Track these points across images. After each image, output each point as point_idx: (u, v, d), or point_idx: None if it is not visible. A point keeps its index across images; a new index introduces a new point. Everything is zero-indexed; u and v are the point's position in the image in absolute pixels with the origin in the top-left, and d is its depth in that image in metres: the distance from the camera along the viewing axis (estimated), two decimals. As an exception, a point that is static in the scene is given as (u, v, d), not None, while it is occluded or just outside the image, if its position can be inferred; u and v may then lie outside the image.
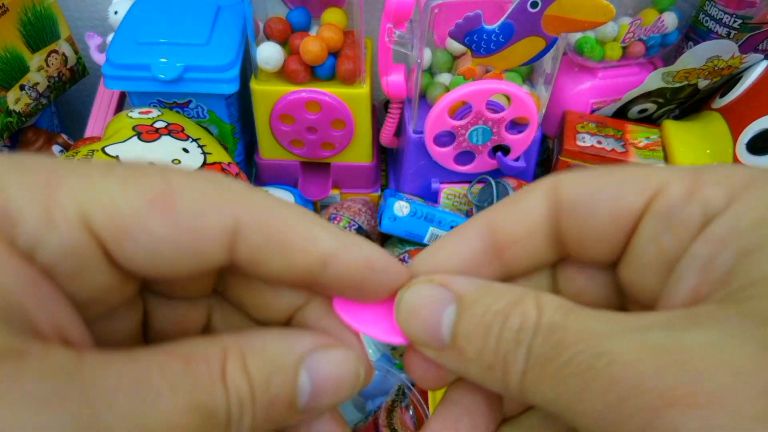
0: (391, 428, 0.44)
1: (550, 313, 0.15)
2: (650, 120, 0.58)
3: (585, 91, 0.57)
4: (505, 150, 0.53)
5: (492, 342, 0.15)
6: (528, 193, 0.18)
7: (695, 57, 0.50)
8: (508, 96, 0.48)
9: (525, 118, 0.50)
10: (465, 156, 0.54)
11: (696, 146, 0.52)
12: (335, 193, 0.60)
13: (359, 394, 0.48)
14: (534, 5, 0.43)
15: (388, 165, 0.65)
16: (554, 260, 0.19)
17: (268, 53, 0.49)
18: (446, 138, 0.52)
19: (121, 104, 0.60)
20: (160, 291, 0.18)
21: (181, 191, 0.15)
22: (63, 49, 0.61)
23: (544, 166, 0.61)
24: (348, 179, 0.60)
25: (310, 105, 0.51)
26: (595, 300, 0.18)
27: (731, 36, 0.53)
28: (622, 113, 0.57)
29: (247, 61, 0.52)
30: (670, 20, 0.53)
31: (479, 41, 0.45)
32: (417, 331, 0.17)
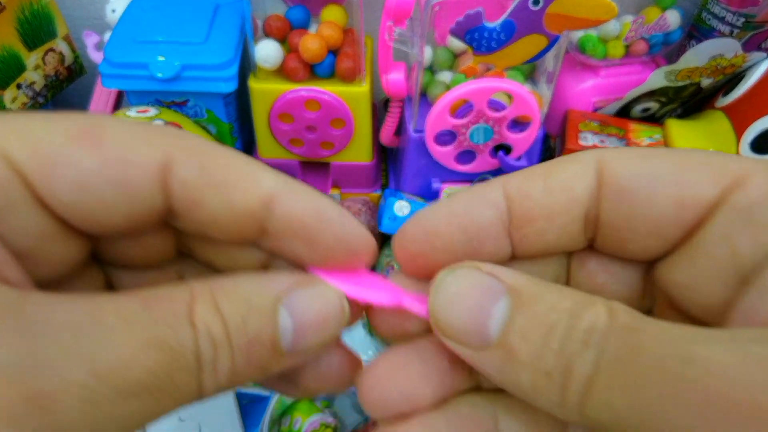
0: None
1: (624, 317, 0.13)
2: (653, 119, 0.58)
3: (587, 90, 0.56)
4: (507, 149, 0.53)
5: (555, 343, 0.13)
6: (568, 164, 0.15)
7: (698, 55, 0.49)
8: (510, 94, 0.48)
9: (527, 117, 0.50)
10: (466, 155, 0.53)
11: (699, 145, 0.51)
12: (335, 193, 0.60)
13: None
14: (536, 3, 0.42)
15: (389, 164, 0.65)
16: (577, 247, 0.16)
17: (267, 51, 0.48)
18: (447, 137, 0.51)
19: (119, 103, 0.60)
20: (119, 261, 0.17)
21: (109, 126, 0.14)
22: (60, 48, 0.61)
23: (546, 166, 0.61)
24: (348, 179, 0.59)
25: (310, 104, 0.50)
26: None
27: (734, 34, 0.53)
28: (625, 112, 0.57)
29: (246, 60, 0.51)
30: (673, 18, 0.53)
31: (480, 39, 0.44)
32: (456, 322, 0.14)
